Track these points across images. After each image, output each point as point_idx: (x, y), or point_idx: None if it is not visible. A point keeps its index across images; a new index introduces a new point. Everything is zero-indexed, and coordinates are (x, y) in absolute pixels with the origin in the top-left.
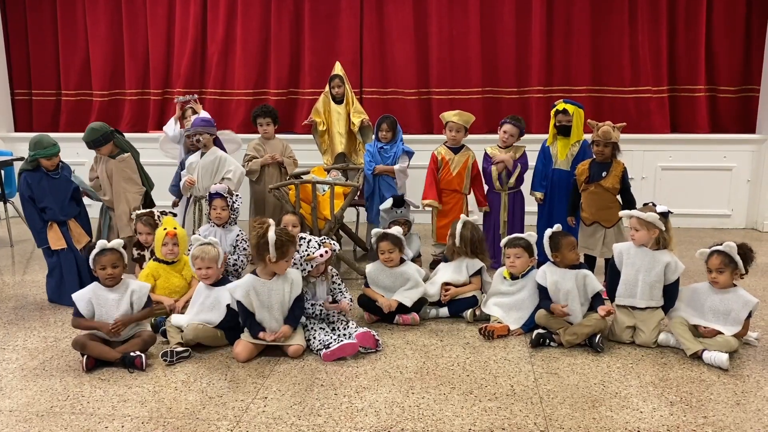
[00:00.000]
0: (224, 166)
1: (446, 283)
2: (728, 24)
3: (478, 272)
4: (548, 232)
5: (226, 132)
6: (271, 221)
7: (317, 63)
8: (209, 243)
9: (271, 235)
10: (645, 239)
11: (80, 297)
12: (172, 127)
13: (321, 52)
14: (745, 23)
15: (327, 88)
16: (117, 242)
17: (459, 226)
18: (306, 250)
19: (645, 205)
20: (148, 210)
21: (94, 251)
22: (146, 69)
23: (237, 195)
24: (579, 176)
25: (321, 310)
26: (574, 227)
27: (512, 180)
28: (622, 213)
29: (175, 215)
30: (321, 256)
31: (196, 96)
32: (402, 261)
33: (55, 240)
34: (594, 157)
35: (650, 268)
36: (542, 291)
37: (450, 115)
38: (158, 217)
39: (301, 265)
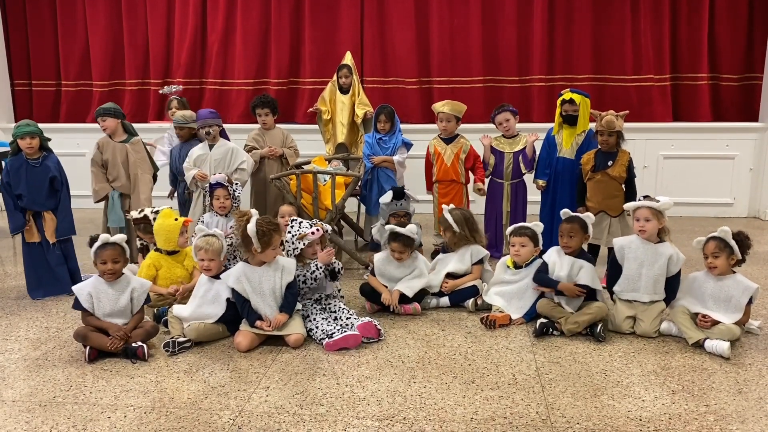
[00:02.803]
0: (238, 157)
1: (450, 274)
2: (731, 12)
3: (480, 261)
4: (566, 211)
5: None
6: (253, 212)
7: (318, 52)
8: (214, 235)
9: (251, 227)
10: (655, 229)
11: (80, 289)
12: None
13: (321, 42)
14: (748, 11)
15: (335, 77)
16: (120, 237)
17: (448, 216)
18: (298, 230)
19: (645, 197)
20: (142, 216)
21: (96, 244)
22: (146, 59)
23: (237, 183)
24: (584, 165)
25: (318, 269)
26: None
27: (524, 168)
28: (627, 205)
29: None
30: (312, 233)
31: (181, 87)
32: (411, 252)
33: (30, 233)
34: (597, 146)
35: (653, 262)
36: (543, 265)
37: (440, 106)
38: (153, 219)
39: (293, 244)
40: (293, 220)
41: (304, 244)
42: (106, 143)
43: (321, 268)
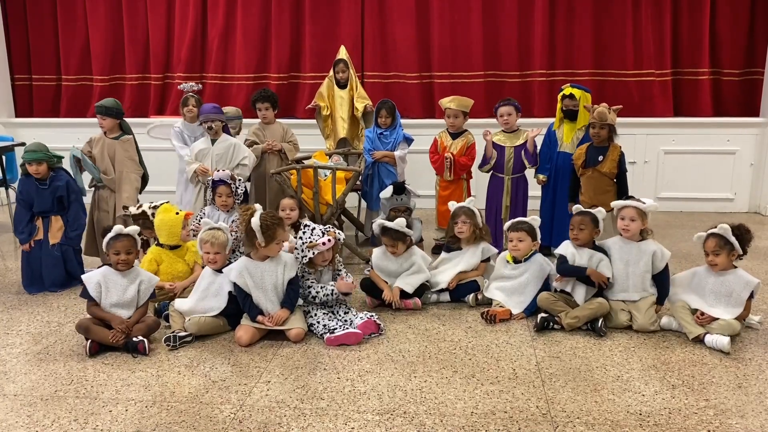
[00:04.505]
0: (239, 152)
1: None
2: (732, 6)
3: (488, 259)
4: (578, 207)
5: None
6: (256, 206)
7: (318, 47)
8: (219, 228)
9: (255, 221)
10: (638, 230)
11: (90, 278)
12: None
13: (322, 36)
14: (749, 6)
15: (331, 73)
16: (133, 229)
17: (475, 209)
18: (309, 237)
19: (629, 198)
20: (140, 212)
21: (109, 235)
22: (146, 54)
23: (239, 179)
24: (576, 161)
25: (332, 293)
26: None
27: (527, 163)
28: (614, 203)
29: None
30: (323, 244)
31: (200, 86)
32: (409, 246)
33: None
34: (591, 140)
35: (638, 260)
36: (561, 257)
37: (447, 102)
38: (152, 215)
39: (302, 251)
40: (306, 226)
41: (314, 253)
42: (98, 139)
43: (336, 294)
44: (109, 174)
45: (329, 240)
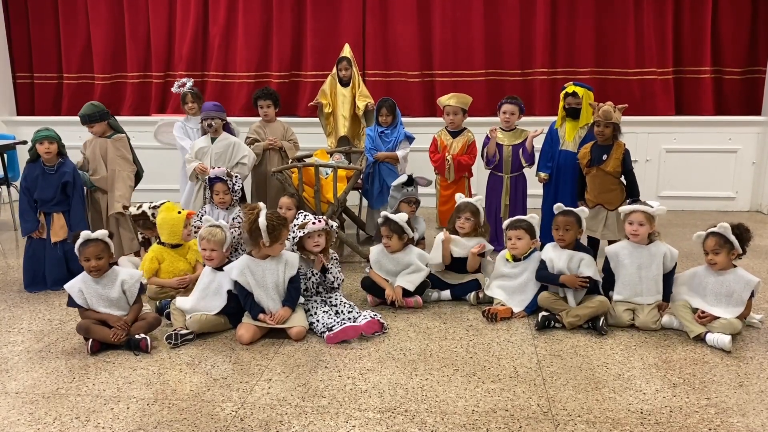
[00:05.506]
0: (239, 151)
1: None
2: (734, 5)
3: (482, 254)
4: (559, 205)
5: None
6: (261, 205)
7: (319, 45)
8: (218, 226)
9: (262, 221)
10: (647, 233)
11: (71, 287)
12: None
13: (323, 34)
14: (751, 4)
15: (334, 70)
16: (101, 233)
17: (479, 205)
18: (302, 221)
19: (633, 201)
20: (140, 212)
21: (78, 242)
22: (148, 52)
23: (236, 176)
24: (581, 160)
25: (315, 279)
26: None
27: (524, 162)
28: (622, 209)
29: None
30: (313, 223)
31: (192, 80)
32: (406, 245)
33: (42, 232)
34: (595, 138)
35: (650, 263)
36: (541, 263)
37: (446, 99)
38: (153, 215)
39: (293, 232)
40: (300, 213)
41: (303, 232)
42: (90, 139)
43: (316, 275)
44: (100, 173)
45: (319, 220)
